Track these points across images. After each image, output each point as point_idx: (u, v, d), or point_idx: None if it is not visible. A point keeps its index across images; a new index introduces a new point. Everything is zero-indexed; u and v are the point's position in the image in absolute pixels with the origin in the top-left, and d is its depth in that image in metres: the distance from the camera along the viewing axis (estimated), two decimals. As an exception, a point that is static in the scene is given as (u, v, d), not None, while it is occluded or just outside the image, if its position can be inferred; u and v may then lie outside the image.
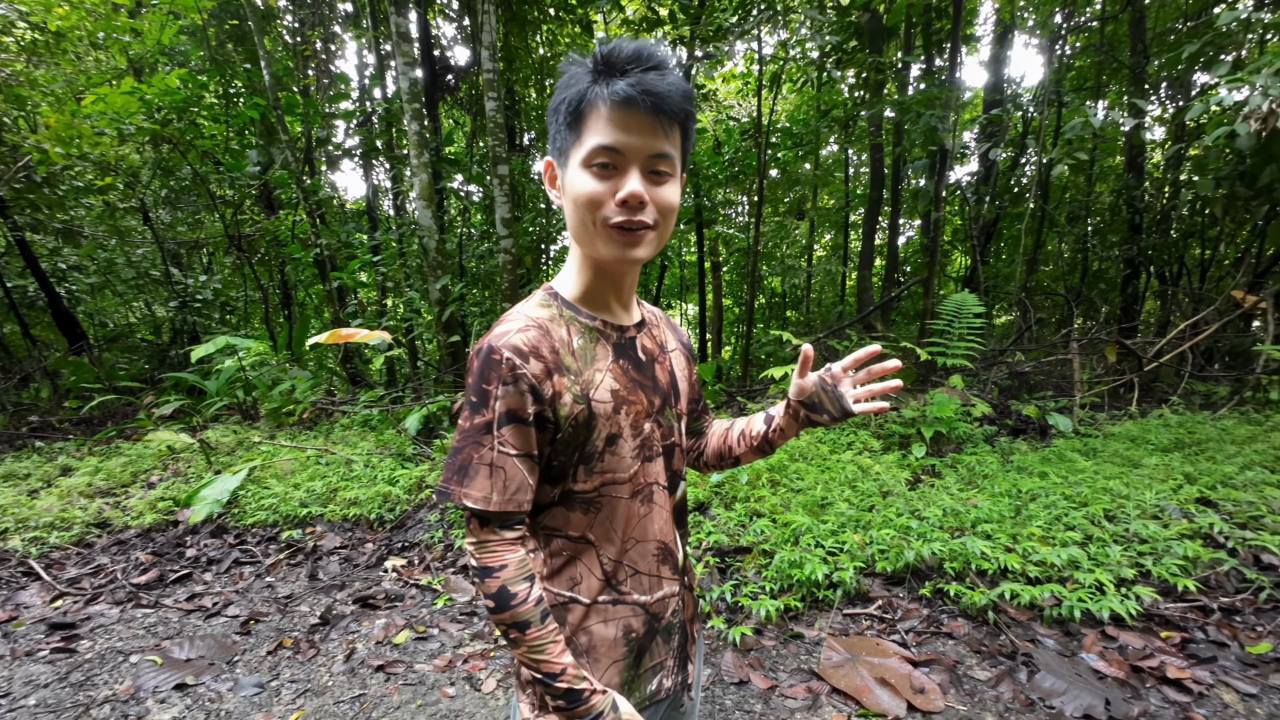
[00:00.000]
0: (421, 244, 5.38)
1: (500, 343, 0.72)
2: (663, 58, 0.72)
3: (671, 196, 0.76)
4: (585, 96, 0.71)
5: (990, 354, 5.98)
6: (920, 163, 7.74)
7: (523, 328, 0.74)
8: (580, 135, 0.72)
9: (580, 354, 0.78)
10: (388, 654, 2.30)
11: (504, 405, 0.71)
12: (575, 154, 0.73)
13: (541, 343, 0.74)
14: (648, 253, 0.76)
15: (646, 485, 0.85)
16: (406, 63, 4.92)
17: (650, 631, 0.87)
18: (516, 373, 0.71)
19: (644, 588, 0.86)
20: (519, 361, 0.72)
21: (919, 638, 2.29)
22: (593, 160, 0.72)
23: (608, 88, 0.70)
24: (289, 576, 2.88)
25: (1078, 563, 2.42)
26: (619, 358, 0.83)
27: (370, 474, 3.57)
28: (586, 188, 0.72)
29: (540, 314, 0.78)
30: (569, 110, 0.73)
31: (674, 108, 0.72)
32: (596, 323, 0.82)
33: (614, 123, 0.70)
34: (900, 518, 2.68)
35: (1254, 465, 3.20)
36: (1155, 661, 2.06)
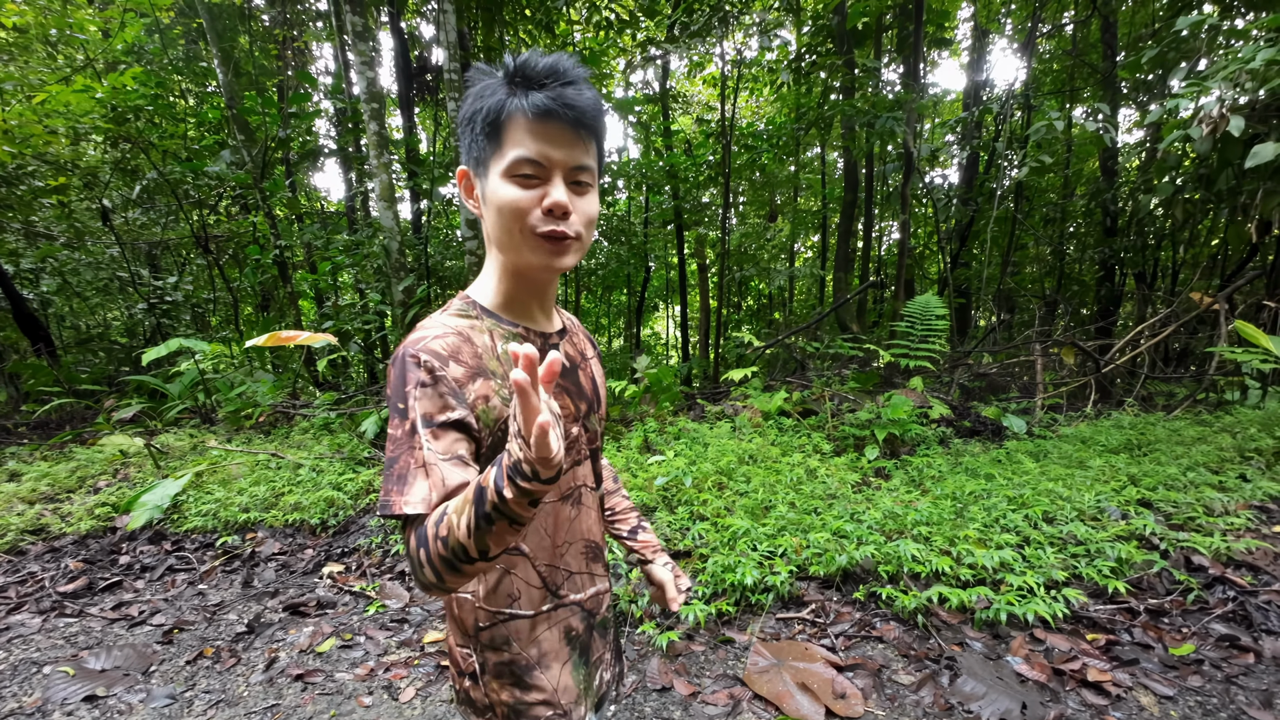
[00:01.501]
0: (384, 245, 5.33)
1: (417, 348, 0.71)
2: (579, 73, 0.73)
3: (592, 207, 0.77)
4: (505, 108, 0.71)
5: (956, 356, 6.00)
6: (892, 165, 7.78)
7: (440, 334, 0.73)
8: (500, 146, 0.72)
9: (505, 359, 0.77)
10: (309, 663, 2.25)
11: (423, 408, 0.69)
12: (496, 164, 0.73)
13: (462, 348, 0.73)
14: (573, 261, 0.77)
15: (575, 488, 0.87)
16: (364, 62, 4.87)
17: (589, 628, 0.90)
18: (435, 374, 0.70)
19: (578, 587, 0.88)
20: (437, 364, 0.70)
21: (849, 641, 2.27)
22: (516, 171, 0.72)
23: (527, 99, 0.70)
24: (222, 584, 2.83)
25: (1010, 565, 2.42)
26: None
27: (316, 479, 3.51)
28: (511, 196, 0.72)
29: (459, 322, 0.77)
30: (486, 121, 0.72)
31: (591, 121, 0.73)
32: (519, 329, 0.82)
33: (535, 135, 0.71)
34: (838, 521, 2.67)
35: (1197, 466, 3.22)
36: (1078, 664, 2.05)
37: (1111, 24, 8.80)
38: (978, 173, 9.13)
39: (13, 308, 6.84)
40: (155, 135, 5.91)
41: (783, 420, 4.07)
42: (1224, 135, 4.68)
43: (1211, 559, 2.44)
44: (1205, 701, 1.89)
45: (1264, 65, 4.62)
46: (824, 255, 11.27)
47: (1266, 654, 2.06)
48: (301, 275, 7.05)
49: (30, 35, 5.76)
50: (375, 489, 3.50)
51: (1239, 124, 4.58)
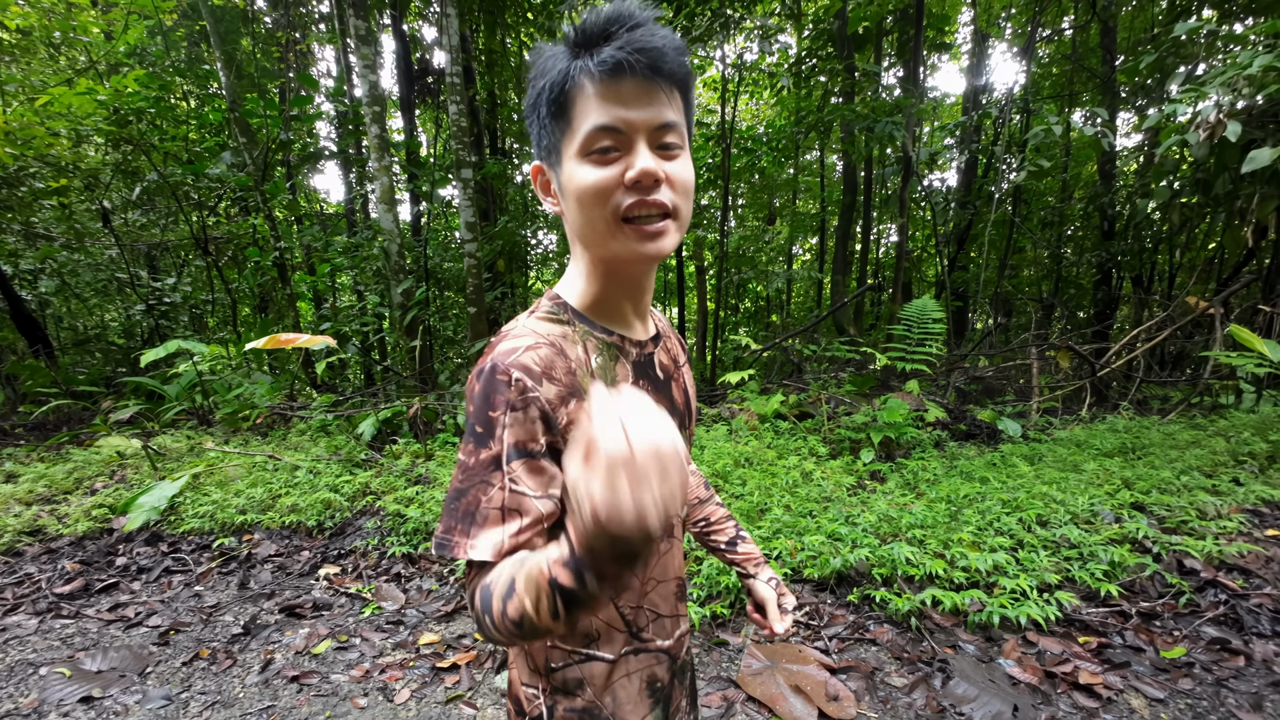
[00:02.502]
0: (383, 247, 5.35)
1: (507, 362, 0.61)
2: (646, 15, 0.61)
3: (687, 172, 0.65)
4: (569, 77, 0.60)
5: (952, 359, 6.02)
6: (891, 169, 7.81)
7: (533, 344, 0.63)
8: (570, 124, 0.61)
9: (600, 375, 0.68)
10: (305, 664, 2.26)
11: (514, 435, 0.59)
12: (568, 147, 0.62)
13: (555, 362, 0.63)
14: (672, 243, 0.64)
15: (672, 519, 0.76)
16: (366, 65, 4.89)
17: (671, 676, 0.79)
18: (527, 396, 0.60)
19: (666, 631, 0.78)
20: (530, 383, 0.60)
21: (843, 644, 2.28)
22: (591, 147, 0.60)
23: (593, 59, 0.59)
24: (219, 585, 2.83)
25: (1004, 568, 2.43)
26: (639, 377, 0.73)
27: (313, 480, 3.52)
28: (590, 179, 0.61)
29: (551, 329, 0.67)
30: (551, 99, 0.62)
31: (673, 66, 0.61)
32: (614, 338, 0.71)
33: (607, 98, 0.59)
34: (833, 524, 2.68)
35: (1191, 470, 3.23)
36: (1069, 667, 2.06)
37: (1111, 29, 8.84)
38: (976, 176, 9.17)
39: (11, 309, 6.85)
40: (156, 137, 5.93)
41: (779, 423, 4.08)
42: (1221, 140, 4.70)
43: (1203, 562, 2.45)
44: (1196, 704, 1.90)
45: (1261, 71, 4.65)
46: (821, 258, 11.29)
47: (1257, 657, 2.07)
48: (300, 277, 7.07)
49: (34, 37, 5.78)
50: (372, 491, 3.52)
51: (1236, 129, 4.60)
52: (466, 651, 2.29)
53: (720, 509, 1.04)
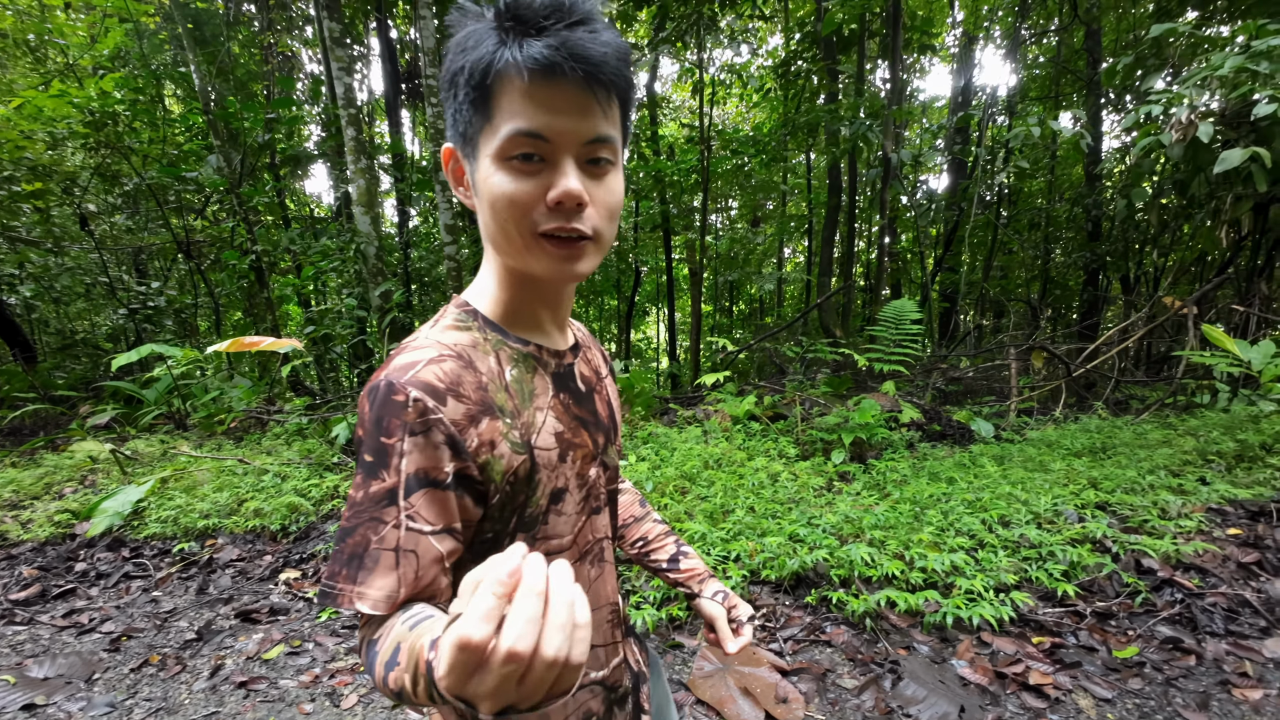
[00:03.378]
0: (361, 250, 5.33)
1: (404, 379, 0.53)
2: (590, 8, 0.54)
3: (615, 192, 0.59)
4: (493, 64, 0.52)
5: (931, 360, 6.03)
6: (875, 171, 7.82)
7: (436, 357, 0.56)
8: (491, 117, 0.54)
9: (515, 389, 0.61)
10: (255, 670, 2.23)
11: (412, 464, 0.52)
12: (486, 143, 0.55)
13: (463, 377, 0.56)
14: (590, 266, 0.59)
15: (595, 543, 0.70)
16: (341, 68, 4.89)
17: (609, 707, 0.73)
18: (428, 419, 0.52)
19: (600, 661, 0.72)
20: (431, 403, 0.53)
21: (798, 645, 2.27)
22: (511, 152, 0.54)
23: (522, 51, 0.51)
24: (177, 591, 2.81)
25: (961, 569, 2.42)
26: (559, 390, 0.66)
27: (280, 485, 3.50)
28: (506, 189, 0.55)
29: (458, 339, 0.60)
30: (471, 83, 0.54)
31: (613, 74, 0.53)
32: (530, 348, 0.64)
33: (535, 100, 0.52)
34: (794, 525, 2.67)
35: (1158, 469, 3.24)
36: (1021, 667, 2.06)
37: (1095, 31, 8.90)
38: (965, 177, 9.20)
39: (-9, 313, 6.81)
40: (133, 140, 5.91)
41: (751, 424, 4.07)
42: (1196, 141, 4.72)
43: (1161, 562, 2.45)
44: (1143, 704, 1.90)
45: (1232, 72, 4.67)
46: (809, 260, 11.31)
47: (1208, 656, 2.06)
48: (288, 280, 7.04)
49: (9, 40, 5.76)
50: (341, 495, 3.49)
51: (1207, 130, 4.62)
52: (419, 656, 2.27)
53: (658, 525, 0.97)
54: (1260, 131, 5.00)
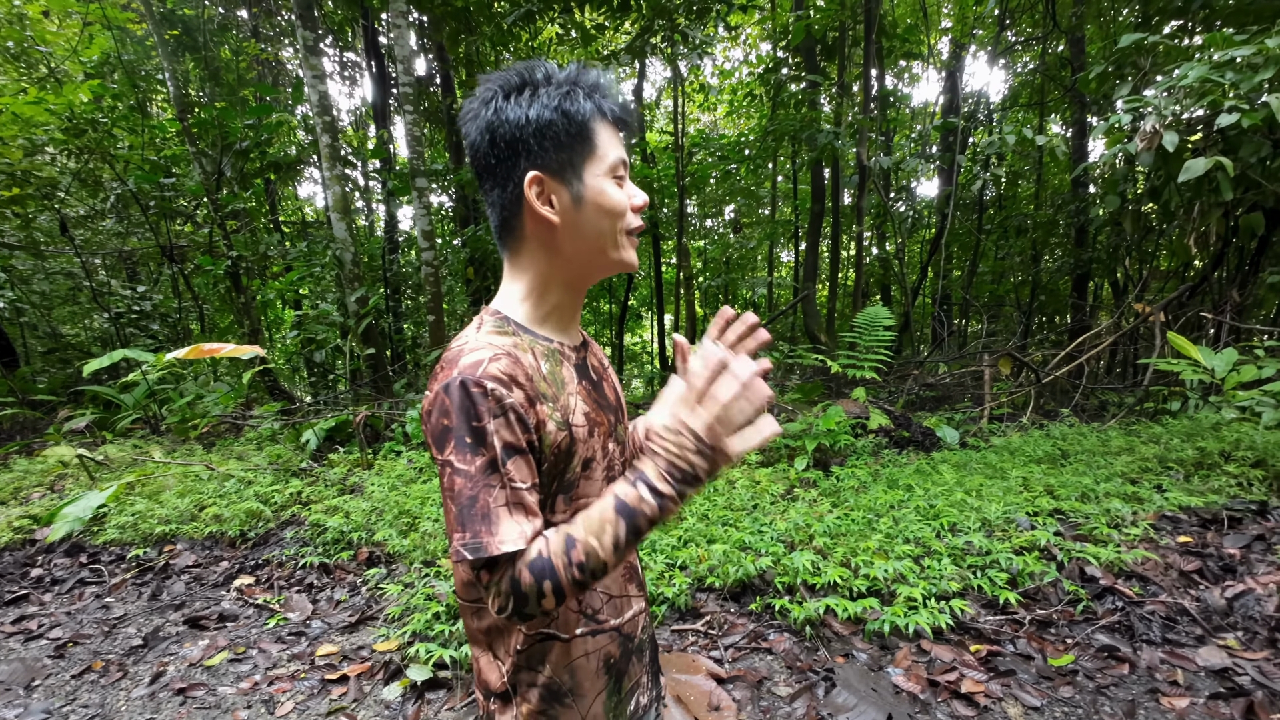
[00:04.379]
0: (337, 256, 5.36)
1: (477, 374, 0.67)
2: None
3: None
4: (592, 111, 0.74)
5: (905, 365, 6.04)
6: (855, 178, 7.87)
7: (494, 355, 0.69)
8: (595, 147, 0.75)
9: (552, 379, 0.76)
10: (196, 676, 2.24)
11: (501, 440, 0.67)
12: (594, 165, 0.75)
13: (517, 370, 0.70)
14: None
15: None
16: (315, 76, 4.92)
17: (626, 653, 0.86)
18: (503, 404, 0.67)
19: (617, 610, 0.85)
20: (504, 392, 0.67)
21: (739, 653, 2.27)
22: (615, 172, 0.76)
23: (607, 104, 0.76)
24: (130, 597, 2.81)
25: (905, 576, 2.43)
26: (581, 378, 0.82)
27: (243, 490, 3.51)
28: (619, 198, 0.76)
29: (503, 341, 0.73)
30: (573, 123, 0.74)
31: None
32: (554, 344, 0.80)
33: (616, 139, 0.77)
34: (742, 533, 2.68)
35: (1115, 477, 3.25)
36: (954, 675, 2.06)
37: (1078, 39, 8.96)
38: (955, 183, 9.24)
39: (-27, 318, 6.82)
40: (113, 146, 5.94)
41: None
42: (1168, 150, 4.75)
43: (1103, 570, 2.46)
44: (1071, 712, 1.91)
45: (1198, 82, 4.71)
46: (795, 266, 11.35)
47: (1142, 665, 2.07)
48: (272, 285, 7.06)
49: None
50: (304, 500, 3.50)
51: (1173, 139, 4.66)
52: (361, 663, 2.28)
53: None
54: (1228, 140, 5.04)
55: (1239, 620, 2.21)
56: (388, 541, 2.84)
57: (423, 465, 3.92)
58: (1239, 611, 2.23)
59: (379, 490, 3.34)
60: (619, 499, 0.66)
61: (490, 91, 0.75)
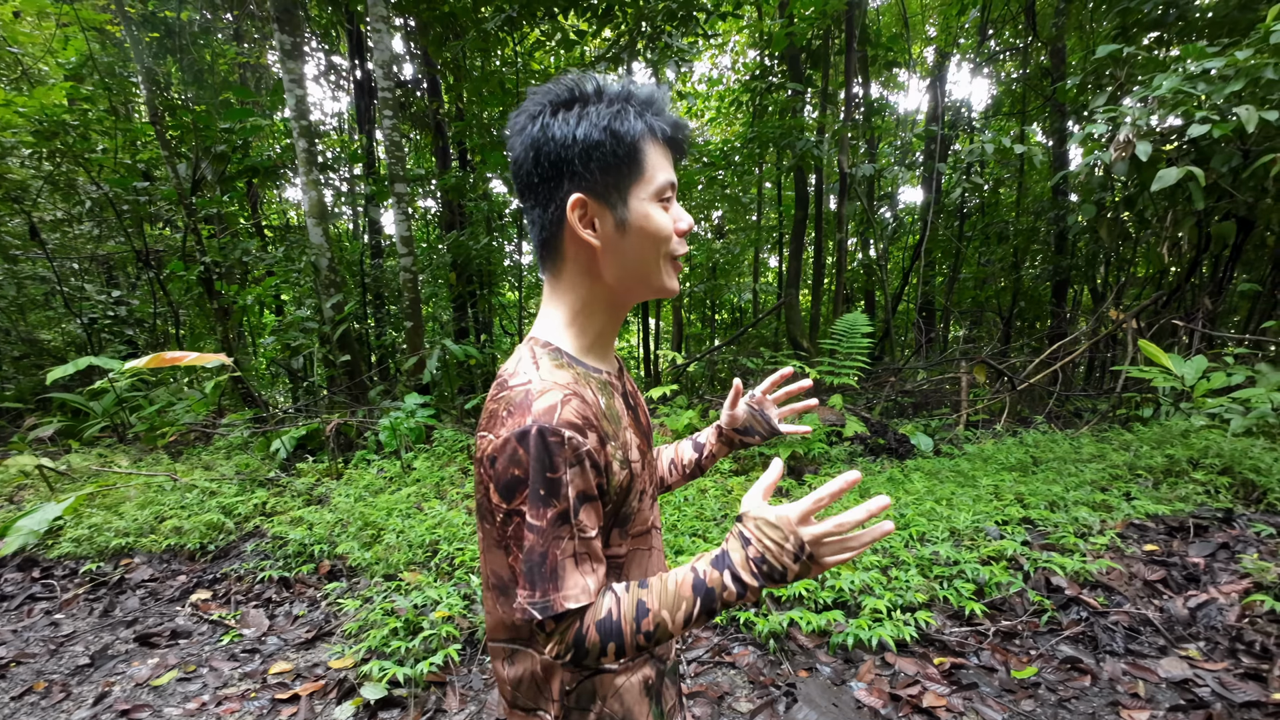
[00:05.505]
0: (313, 261, 5.29)
1: (554, 422, 0.65)
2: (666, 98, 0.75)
3: None
4: (642, 131, 0.70)
5: (884, 372, 6.06)
6: (836, 185, 7.91)
7: (565, 398, 0.67)
8: (643, 170, 0.71)
9: (610, 415, 0.74)
10: (142, 697, 2.17)
11: (575, 489, 0.65)
12: (640, 189, 0.71)
13: (588, 412, 0.69)
14: None
15: (648, 529, 0.85)
16: (292, 80, 4.87)
17: (660, 674, 0.85)
18: (579, 452, 0.65)
19: None
20: (580, 440, 0.66)
21: (701, 668, 2.24)
22: (662, 195, 0.72)
23: (659, 123, 0.71)
24: (81, 613, 2.73)
25: (871, 588, 2.41)
26: (626, 408, 0.80)
27: (205, 501, 3.43)
28: (663, 223, 0.72)
29: (565, 378, 0.70)
30: (622, 144, 0.70)
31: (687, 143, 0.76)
32: (604, 376, 0.78)
33: (666, 160, 0.73)
34: (710, 544, 2.65)
35: (1085, 484, 3.26)
36: (917, 689, 2.04)
37: (1060, 49, 9.09)
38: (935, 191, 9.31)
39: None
40: (87, 149, 5.85)
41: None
42: (1145, 159, 4.80)
43: (1069, 580, 2.45)
44: (1031, 726, 1.89)
45: (1170, 93, 4.78)
46: (780, 272, 11.39)
47: (1104, 676, 2.06)
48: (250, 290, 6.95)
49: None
50: (268, 511, 3.43)
51: (1145, 149, 4.71)
52: (315, 681, 2.22)
53: (669, 450, 1.08)
54: (1201, 150, 5.11)
55: (1201, 630, 2.21)
56: (350, 554, 2.78)
57: (393, 475, 3.86)
58: (1201, 621, 2.23)
59: (345, 501, 3.27)
60: (699, 578, 0.65)
61: (538, 106, 0.71)
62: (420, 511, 3.13)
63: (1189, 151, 5.23)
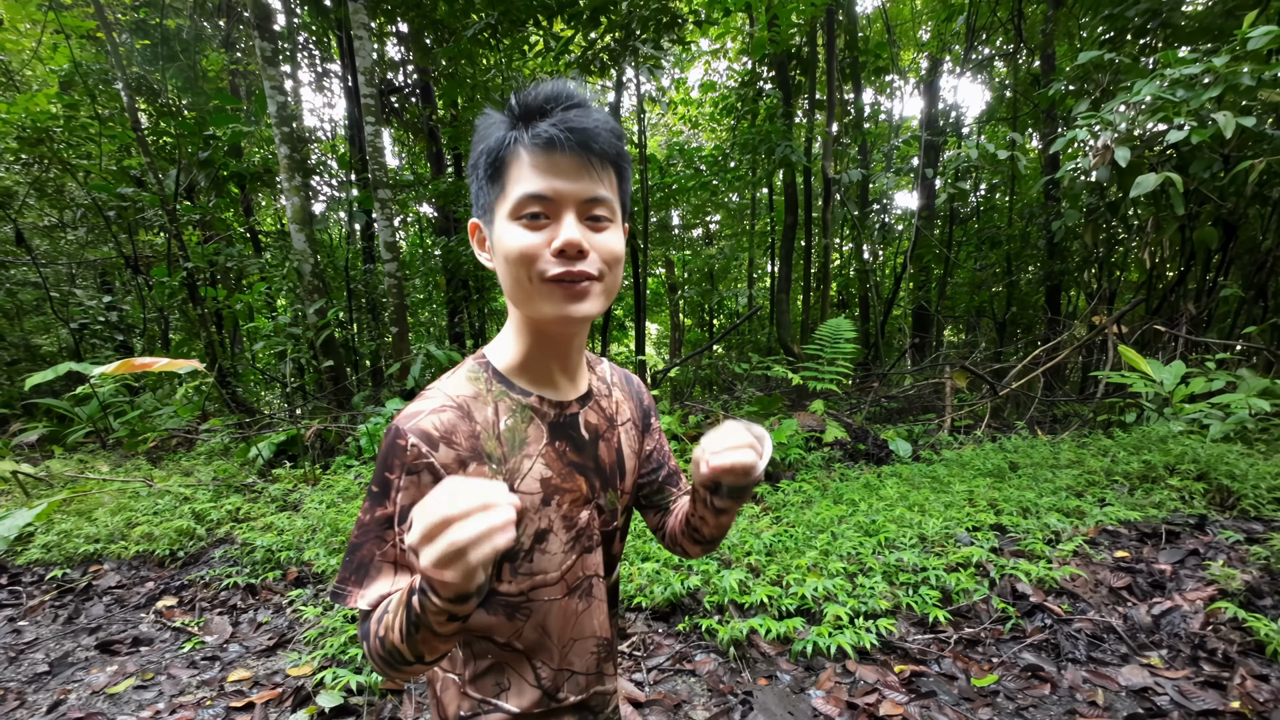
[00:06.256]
0: (296, 268, 5.30)
1: (408, 425, 0.64)
2: (583, 96, 0.66)
3: (615, 243, 0.68)
4: (504, 143, 0.66)
5: (868, 378, 6.05)
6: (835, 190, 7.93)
7: (437, 407, 0.66)
8: (504, 187, 0.66)
9: (507, 438, 0.70)
10: (96, 705, 2.15)
11: (406, 498, 0.63)
12: (500, 207, 0.67)
13: (458, 426, 0.66)
14: (596, 308, 0.67)
15: (585, 579, 0.77)
16: (274, 87, 4.90)
17: None
18: (419, 462, 0.63)
19: (580, 687, 0.78)
20: (425, 448, 0.63)
21: (661, 675, 2.22)
22: (521, 211, 0.65)
23: (528, 131, 0.65)
24: (46, 620, 2.72)
25: (835, 595, 2.40)
26: (555, 439, 0.74)
27: (178, 507, 3.42)
28: (518, 242, 0.65)
29: (463, 390, 0.70)
30: (489, 162, 0.67)
31: (604, 145, 0.65)
32: (531, 399, 0.73)
33: (539, 168, 0.64)
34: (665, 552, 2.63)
35: (1061, 490, 3.24)
36: (874, 697, 2.02)
37: (1050, 55, 9.13)
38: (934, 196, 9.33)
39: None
40: (74, 156, 5.87)
41: (670, 444, 4.05)
42: (1128, 165, 4.81)
43: (1034, 587, 2.43)
44: (987, 735, 1.87)
45: (1150, 99, 4.79)
46: (772, 277, 11.41)
47: (1064, 685, 2.04)
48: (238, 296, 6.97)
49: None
50: (242, 517, 3.42)
51: (1124, 155, 4.73)
52: (273, 688, 2.20)
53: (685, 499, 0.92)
54: (1182, 156, 5.12)
55: (1164, 638, 2.19)
56: (315, 561, 2.77)
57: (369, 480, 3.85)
58: (1165, 629, 2.22)
59: (317, 508, 3.26)
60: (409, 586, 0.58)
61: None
62: (391, 518, 3.12)
63: (1171, 157, 5.24)
